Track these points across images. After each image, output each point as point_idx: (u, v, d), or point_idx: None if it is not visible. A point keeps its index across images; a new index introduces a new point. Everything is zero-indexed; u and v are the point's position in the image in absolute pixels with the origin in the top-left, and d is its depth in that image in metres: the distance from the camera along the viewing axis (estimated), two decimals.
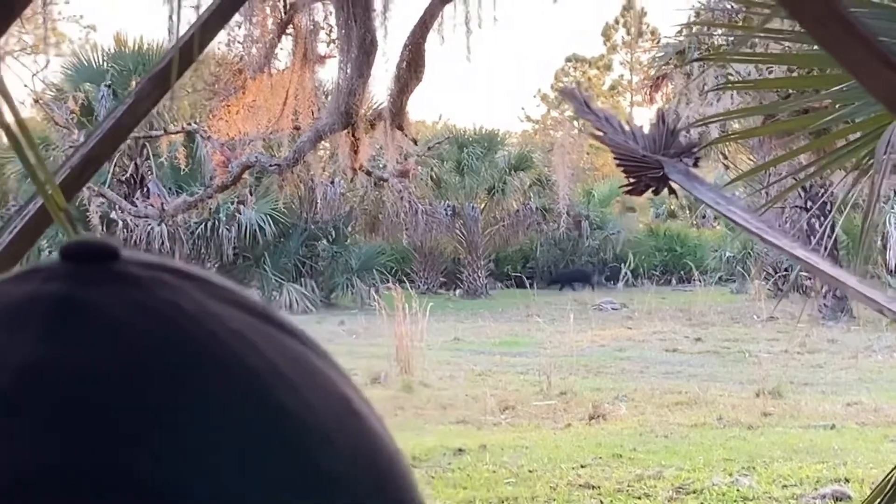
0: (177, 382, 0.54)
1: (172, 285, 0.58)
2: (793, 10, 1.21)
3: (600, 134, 2.76)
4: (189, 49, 1.79)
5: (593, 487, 11.12)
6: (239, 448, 0.54)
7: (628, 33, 68.42)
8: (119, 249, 0.59)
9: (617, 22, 69.24)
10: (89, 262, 0.58)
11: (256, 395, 0.55)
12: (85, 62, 30.07)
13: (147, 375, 0.54)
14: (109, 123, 1.76)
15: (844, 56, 1.20)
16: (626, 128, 2.74)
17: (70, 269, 0.58)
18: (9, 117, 1.16)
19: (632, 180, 2.66)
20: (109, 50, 30.70)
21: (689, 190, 2.58)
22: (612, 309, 32.00)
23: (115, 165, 31.19)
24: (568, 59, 72.54)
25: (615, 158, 2.70)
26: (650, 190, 2.65)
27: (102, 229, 29.70)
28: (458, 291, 38.53)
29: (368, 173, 19.43)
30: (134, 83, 29.89)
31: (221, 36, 14.19)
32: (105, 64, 30.12)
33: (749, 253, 36.09)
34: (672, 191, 2.62)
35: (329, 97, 15.61)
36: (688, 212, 45.28)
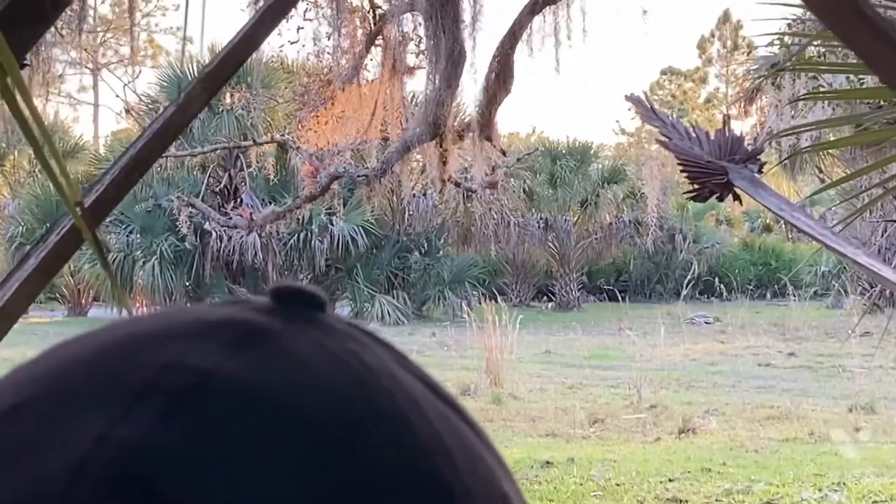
0: (339, 427, 0.55)
1: (362, 342, 0.61)
2: (812, 5, 1.19)
3: (665, 140, 2.74)
4: (240, 51, 1.79)
5: (681, 501, 11.04)
6: None
7: (724, 46, 68.05)
8: (325, 301, 0.62)
9: (713, 35, 68.90)
10: (293, 304, 0.61)
11: (416, 460, 0.56)
12: (180, 73, 30.43)
13: (311, 413, 0.55)
14: (158, 124, 1.77)
15: (863, 51, 1.18)
16: (692, 134, 2.72)
17: (273, 306, 0.61)
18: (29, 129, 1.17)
19: (696, 186, 2.64)
20: (204, 61, 31.01)
21: (753, 196, 2.55)
22: (706, 323, 31.78)
23: (209, 176, 31.50)
24: (663, 72, 72.33)
25: (679, 164, 2.68)
26: (714, 196, 2.63)
27: (195, 239, 30.01)
28: (550, 304, 38.44)
29: (457, 185, 19.47)
30: (228, 95, 30.32)
31: (311, 46, 14.30)
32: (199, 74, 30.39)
33: (845, 268, 35.67)
34: (736, 197, 2.59)
35: (417, 108, 15.64)
36: (783, 226, 44.86)
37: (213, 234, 29.13)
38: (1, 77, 1.02)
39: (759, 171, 2.62)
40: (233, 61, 1.80)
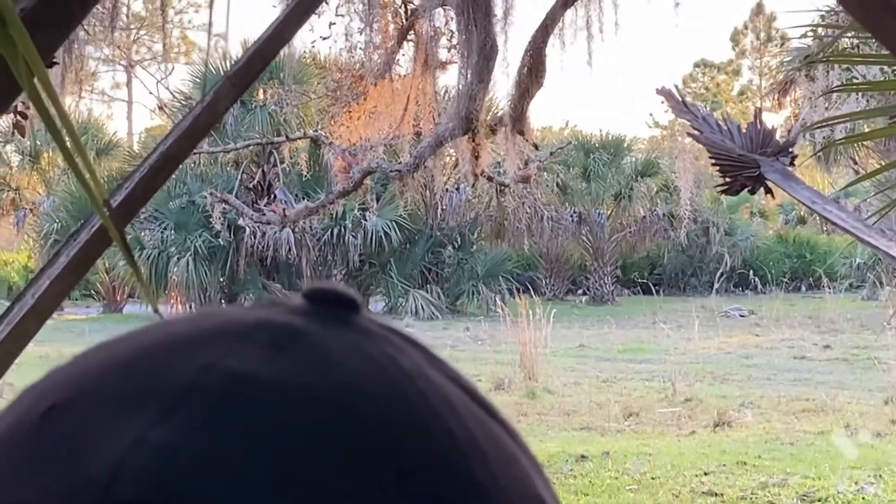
0: (372, 426, 0.55)
1: (397, 344, 0.61)
2: None
3: (697, 133, 2.73)
4: (269, 48, 1.80)
5: (717, 495, 11.01)
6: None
7: (757, 38, 67.80)
8: (360, 303, 0.62)
9: (745, 27, 68.63)
10: (328, 306, 0.61)
11: (452, 462, 0.56)
12: (213, 70, 30.53)
13: (346, 412, 0.55)
14: (188, 122, 1.78)
15: (892, 43, 1.17)
16: (724, 127, 2.71)
17: (308, 307, 0.61)
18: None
19: (727, 179, 2.63)
20: (236, 57, 31.05)
21: (785, 189, 2.54)
22: (740, 316, 31.69)
23: (242, 172, 31.58)
24: (696, 65, 72.13)
25: (711, 157, 2.67)
26: (745, 189, 2.62)
27: (228, 235, 30.09)
28: (584, 298, 38.41)
29: (490, 179, 19.46)
30: (261, 91, 30.39)
31: (342, 42, 14.31)
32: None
33: (880, 259, 35.49)
34: (768, 190, 2.58)
35: (449, 103, 15.64)
36: (817, 218, 44.63)
37: (247, 229, 29.18)
38: (27, 78, 1.03)
39: (791, 164, 2.61)
40: (261, 58, 1.80)
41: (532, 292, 24.48)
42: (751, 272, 39.34)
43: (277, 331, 0.58)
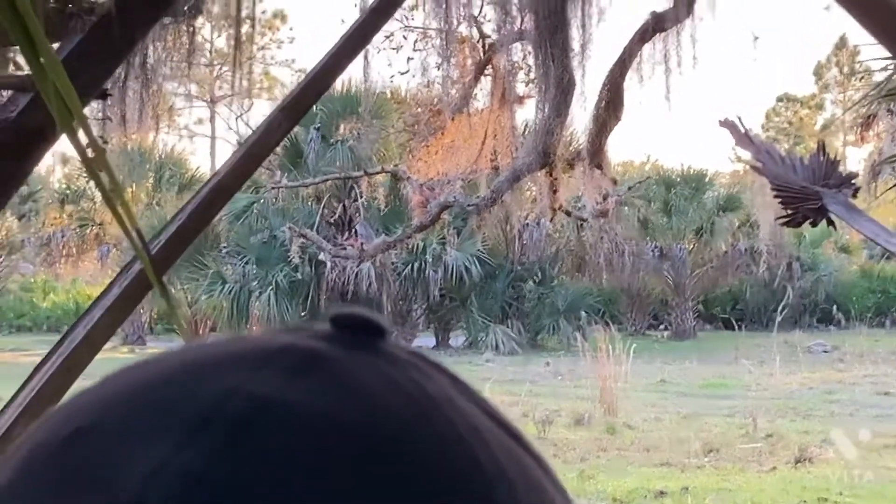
0: (396, 453, 0.55)
1: (424, 371, 0.61)
2: None
3: (759, 165, 2.72)
4: (320, 80, 1.81)
5: None
6: None
7: (840, 72, 67.25)
8: (386, 329, 0.62)
9: (829, 61, 68.10)
10: (354, 332, 0.61)
11: (477, 490, 0.56)
12: None
13: (369, 438, 0.55)
14: (240, 154, 1.79)
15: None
16: (786, 159, 2.69)
17: (333, 333, 0.61)
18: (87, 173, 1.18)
19: (789, 211, 2.61)
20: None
21: (847, 221, 2.52)
22: (823, 351, 31.34)
23: (323, 207, 31.71)
24: (779, 99, 71.61)
25: (772, 189, 2.66)
26: (808, 221, 2.60)
27: (310, 269, 30.21)
28: (665, 333, 38.18)
29: (568, 213, 19.43)
30: (342, 126, 30.56)
31: (420, 77, 14.37)
32: (314, 108, 30.66)
33: None
34: (830, 222, 2.56)
35: (527, 137, 15.63)
36: None
37: (328, 264, 29.27)
38: (62, 113, 1.04)
39: (854, 196, 2.58)
40: (313, 90, 1.82)
41: (613, 327, 24.36)
42: (834, 307, 38.94)
43: (301, 356, 0.58)
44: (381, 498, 0.53)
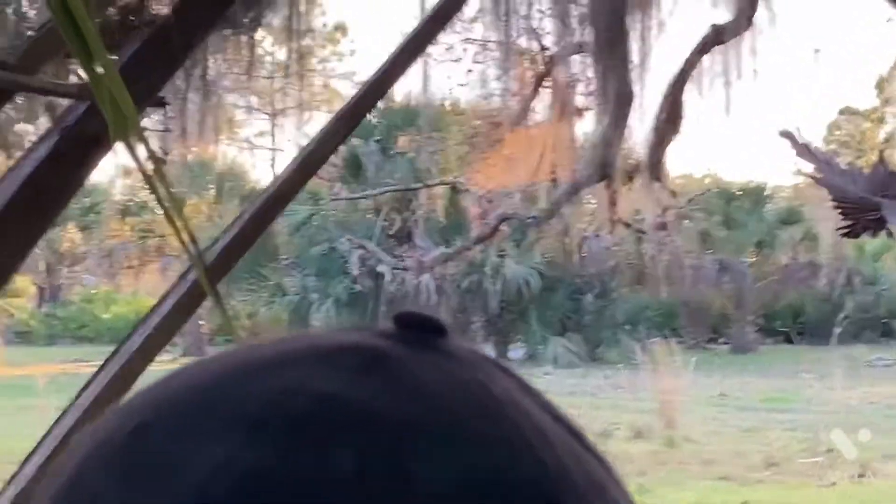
0: (463, 455, 0.55)
1: (488, 371, 0.60)
2: None
3: (818, 176, 2.70)
4: (375, 89, 1.82)
5: None
6: None
7: None
8: (448, 328, 0.61)
9: (890, 75, 67.57)
10: (416, 331, 0.61)
11: (541, 490, 0.56)
12: None
13: (435, 440, 0.55)
14: (296, 163, 1.80)
15: None
16: (846, 170, 2.67)
17: (397, 332, 0.61)
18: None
19: (849, 222, 2.59)
20: (379, 106, 31.34)
21: None
22: (884, 366, 31.07)
23: (383, 219, 31.79)
24: (841, 112, 71.12)
25: (832, 200, 2.64)
26: (867, 232, 2.58)
27: (369, 282, 30.28)
28: (725, 346, 37.97)
29: (627, 226, 19.38)
30: (401, 138, 30.62)
31: (479, 89, 14.39)
32: (374, 120, 30.78)
33: None
34: (890, 233, 2.54)
35: (586, 149, 15.61)
36: None
37: (387, 276, 29.33)
38: (118, 122, 1.04)
39: None
40: (369, 100, 1.83)
41: (672, 340, 24.28)
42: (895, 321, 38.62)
43: (364, 354, 0.58)
44: (442, 498, 0.53)
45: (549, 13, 13.57)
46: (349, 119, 1.84)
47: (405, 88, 28.69)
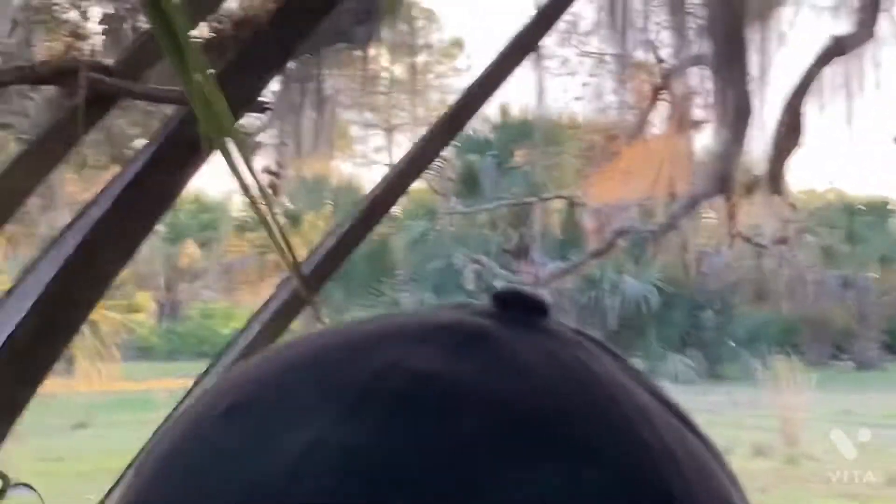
0: (563, 434, 0.54)
1: (590, 350, 0.60)
2: None
3: None
4: (476, 96, 1.80)
5: None
6: None
7: None
8: (549, 306, 0.61)
9: None
10: (517, 309, 0.60)
11: (642, 469, 0.55)
12: (472, 133, 30.88)
13: (531, 416, 0.54)
14: (396, 170, 1.80)
15: None
16: None
17: (496, 311, 0.60)
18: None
19: None
20: (495, 121, 31.47)
21: None
22: None
23: (500, 233, 31.84)
24: None
25: None
26: None
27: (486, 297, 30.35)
28: (848, 363, 37.51)
29: (747, 240, 19.20)
30: (517, 153, 30.65)
31: (595, 102, 14.37)
32: (491, 135, 30.86)
33: None
34: None
35: (704, 163, 15.53)
36: None
37: None
38: (212, 128, 1.03)
39: None
40: (471, 105, 1.81)
41: (794, 357, 24.05)
42: None
43: (463, 332, 0.58)
44: (541, 476, 0.52)
45: (667, 25, 13.54)
46: (449, 127, 1.84)
47: (520, 103, 28.75)
